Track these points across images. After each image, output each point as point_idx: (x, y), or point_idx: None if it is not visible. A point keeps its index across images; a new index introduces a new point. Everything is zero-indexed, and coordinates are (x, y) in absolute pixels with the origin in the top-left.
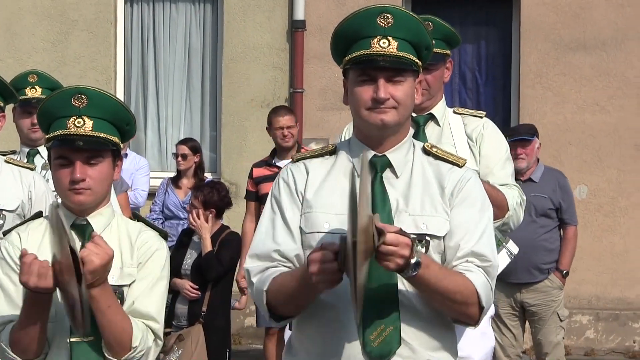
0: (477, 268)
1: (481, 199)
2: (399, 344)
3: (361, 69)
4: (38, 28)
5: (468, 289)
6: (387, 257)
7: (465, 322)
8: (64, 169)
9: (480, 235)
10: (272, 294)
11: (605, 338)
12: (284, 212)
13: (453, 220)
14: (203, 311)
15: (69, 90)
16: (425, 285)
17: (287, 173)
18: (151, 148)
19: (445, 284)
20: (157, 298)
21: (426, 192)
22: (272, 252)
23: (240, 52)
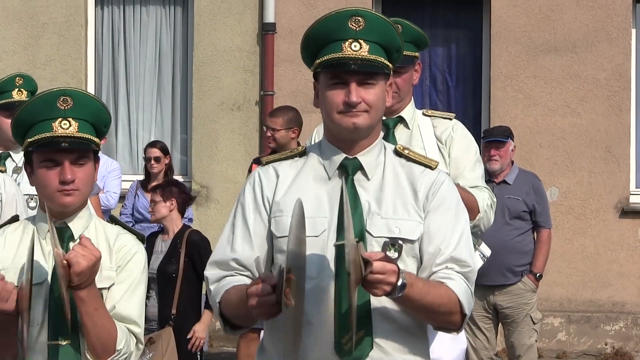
0: (457, 274)
1: (456, 203)
2: (371, 348)
3: (332, 72)
4: (8, 31)
5: (451, 299)
6: (375, 285)
7: (448, 329)
8: (51, 170)
9: (458, 240)
10: (224, 306)
11: (577, 340)
12: (246, 219)
13: (430, 225)
14: (172, 314)
15: (54, 92)
16: (410, 303)
17: (254, 178)
18: (122, 151)
19: (430, 299)
20: (137, 302)
21: (398, 194)
22: (230, 261)
23: (210, 55)
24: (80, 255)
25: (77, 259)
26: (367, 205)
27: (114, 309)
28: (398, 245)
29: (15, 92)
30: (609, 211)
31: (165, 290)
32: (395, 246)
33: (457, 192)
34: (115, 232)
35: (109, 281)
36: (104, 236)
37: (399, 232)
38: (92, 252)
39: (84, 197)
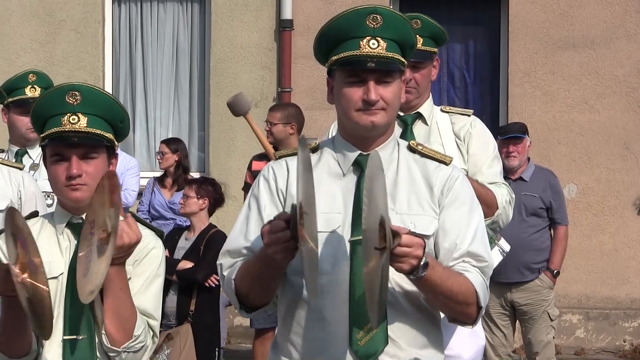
0: (474, 268)
1: (470, 198)
2: (386, 343)
3: (350, 70)
4: (26, 28)
5: (468, 289)
6: (402, 258)
7: (463, 321)
8: (59, 165)
9: (473, 235)
10: (239, 280)
11: (596, 337)
12: (260, 210)
13: (445, 221)
14: (191, 310)
15: (63, 87)
16: (431, 286)
17: (268, 171)
18: (140, 148)
19: (449, 285)
20: (153, 295)
21: (413, 190)
22: (242, 249)
23: (228, 51)
24: (125, 231)
25: (121, 234)
26: None
27: None
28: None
29: (28, 89)
30: (627, 208)
31: (185, 288)
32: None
33: (472, 188)
34: None
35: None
36: None
37: (414, 227)
38: (135, 232)
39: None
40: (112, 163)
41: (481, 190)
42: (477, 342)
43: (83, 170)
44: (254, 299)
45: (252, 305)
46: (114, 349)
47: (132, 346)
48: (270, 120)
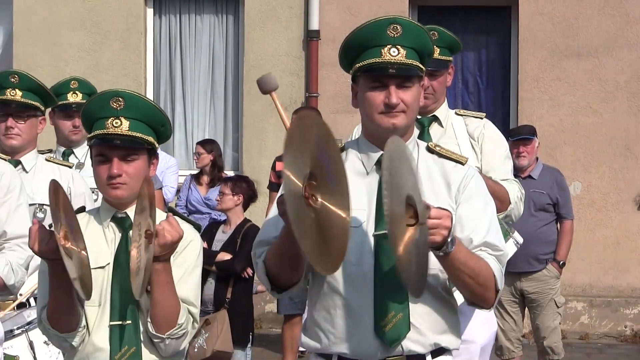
0: (491, 256)
1: (484, 194)
2: (408, 329)
3: (372, 76)
4: (74, 38)
5: (488, 272)
6: (434, 230)
7: (480, 304)
8: (102, 165)
9: (488, 227)
10: (269, 262)
11: (599, 323)
12: None
13: (462, 215)
14: (227, 298)
15: (108, 93)
16: (456, 263)
17: None
18: (178, 148)
19: (472, 264)
20: (193, 284)
21: (431, 187)
22: (272, 239)
23: (259, 59)
24: (167, 229)
25: (164, 232)
26: None
27: None
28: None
29: (70, 95)
30: (628, 204)
31: (222, 277)
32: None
33: (485, 185)
34: None
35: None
36: None
37: None
38: (177, 230)
39: (133, 191)
40: (153, 164)
41: (495, 187)
42: (490, 329)
43: (123, 171)
44: (284, 279)
45: (282, 285)
46: (159, 336)
47: (175, 333)
48: None
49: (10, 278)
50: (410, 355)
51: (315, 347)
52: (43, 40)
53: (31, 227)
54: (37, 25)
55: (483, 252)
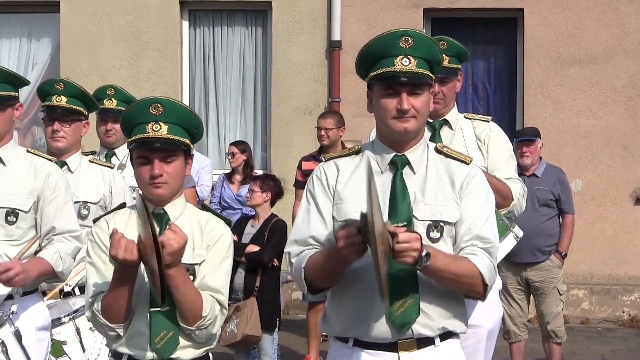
0: (481, 250)
1: (485, 192)
2: (418, 314)
3: (386, 84)
4: (116, 49)
5: (473, 272)
6: (403, 253)
7: (474, 297)
8: (144, 166)
9: (484, 221)
10: (309, 270)
11: (599, 309)
12: (317, 204)
13: (462, 210)
14: (256, 286)
15: (147, 100)
16: (436, 273)
17: (320, 171)
18: (212, 149)
19: (453, 270)
20: (223, 274)
21: (439, 185)
22: (307, 238)
23: (286, 68)
24: (172, 238)
25: (170, 242)
26: (414, 195)
27: (204, 279)
28: (440, 227)
29: (107, 101)
30: (625, 199)
31: (251, 267)
32: (437, 228)
33: (487, 184)
34: (206, 217)
35: (200, 258)
36: (196, 221)
37: (441, 215)
38: (181, 236)
39: (172, 189)
40: (189, 163)
41: (499, 185)
42: (496, 314)
43: (164, 171)
44: (321, 285)
45: (317, 288)
46: (188, 328)
47: (202, 324)
48: (326, 127)
49: (58, 265)
50: (420, 338)
51: (335, 332)
52: (88, 50)
53: (114, 236)
54: (82, 37)
55: (474, 247)
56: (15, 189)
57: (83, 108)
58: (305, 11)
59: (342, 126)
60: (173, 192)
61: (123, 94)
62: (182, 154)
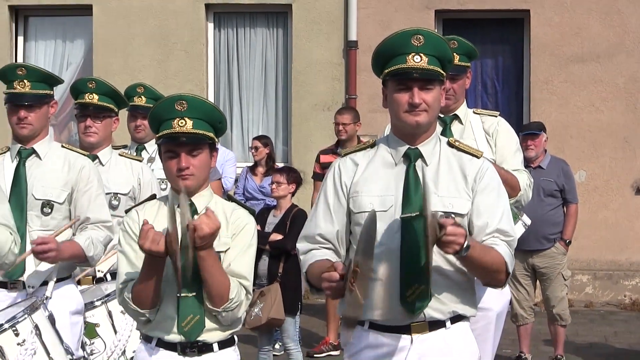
0: (502, 242)
1: (498, 185)
2: (430, 299)
3: (399, 80)
4: (146, 49)
5: (500, 260)
6: (448, 244)
7: (494, 285)
8: (172, 160)
9: (501, 215)
10: (309, 276)
11: (601, 293)
12: (328, 202)
13: (479, 204)
14: (280, 273)
15: (173, 97)
16: (472, 262)
17: (334, 168)
18: (236, 143)
19: (485, 259)
20: (247, 261)
21: (451, 178)
22: (315, 235)
23: (305, 66)
24: (205, 222)
25: (202, 226)
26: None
27: (230, 266)
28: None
29: (136, 98)
30: (626, 189)
31: (274, 254)
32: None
33: (498, 176)
34: (231, 207)
35: (226, 246)
36: (222, 211)
37: (452, 207)
38: (214, 222)
39: (199, 181)
40: (214, 156)
41: (507, 176)
42: (504, 297)
43: (190, 164)
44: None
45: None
46: (215, 310)
47: (228, 307)
48: (343, 122)
49: (90, 250)
50: (432, 321)
51: None
52: (119, 51)
53: (143, 227)
54: (113, 38)
55: (495, 239)
56: (50, 182)
57: (113, 105)
58: (323, 13)
59: (358, 121)
60: (199, 183)
61: (152, 91)
62: (207, 147)
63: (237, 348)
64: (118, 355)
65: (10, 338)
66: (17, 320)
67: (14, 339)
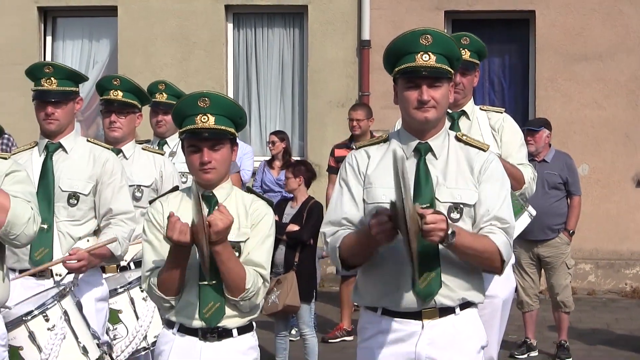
0: (499, 230)
1: (501, 176)
2: (440, 286)
3: (408, 77)
4: (168, 49)
5: (492, 248)
6: (431, 232)
7: (491, 271)
8: (195, 154)
9: (501, 203)
10: (343, 249)
11: (603, 281)
12: (350, 188)
13: (481, 193)
14: (296, 261)
15: (196, 94)
16: (460, 249)
17: (351, 158)
18: (254, 138)
19: (475, 246)
20: (265, 251)
21: (459, 170)
22: (341, 219)
23: (321, 65)
24: (219, 218)
25: (216, 221)
26: (436, 179)
27: (248, 255)
28: (460, 208)
29: (158, 95)
30: (627, 182)
31: (291, 244)
32: (457, 209)
33: (503, 168)
34: (250, 199)
35: (245, 236)
36: (242, 202)
37: (460, 198)
38: (227, 217)
39: (220, 174)
40: (234, 150)
41: (512, 170)
42: (510, 285)
43: (212, 158)
44: (354, 262)
45: (351, 265)
46: (233, 299)
47: (246, 296)
48: (357, 118)
49: (117, 250)
50: (442, 308)
51: (365, 302)
52: (142, 51)
53: (170, 219)
54: (137, 38)
55: (493, 227)
56: (76, 175)
57: (137, 102)
58: (338, 13)
59: (371, 117)
60: (220, 176)
61: (173, 89)
62: (228, 142)
63: (255, 333)
64: (140, 341)
65: (40, 323)
66: (47, 307)
67: (45, 324)
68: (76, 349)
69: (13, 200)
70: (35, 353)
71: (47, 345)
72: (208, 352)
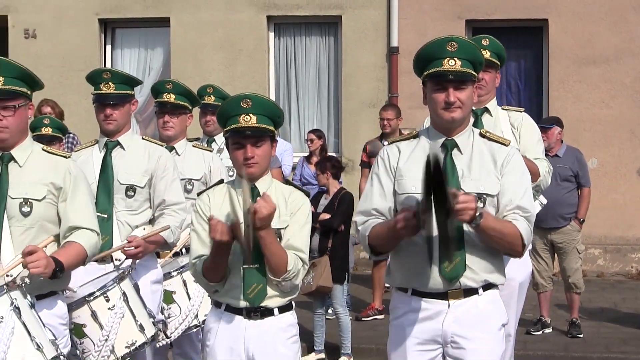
0: (522, 217)
1: (522, 169)
2: (465, 269)
3: (436, 81)
4: (216, 55)
5: (515, 232)
6: (462, 211)
7: (513, 255)
8: (239, 150)
9: (522, 194)
10: (372, 238)
11: (611, 265)
12: (380, 181)
13: (504, 184)
14: (329, 247)
15: (239, 97)
16: (486, 231)
17: (384, 153)
18: (294, 136)
19: (500, 229)
20: (304, 236)
21: (483, 164)
22: (371, 210)
23: (354, 69)
24: (263, 206)
25: (261, 209)
26: (461, 172)
27: (289, 241)
28: (483, 198)
29: (207, 97)
30: (633, 175)
31: (324, 231)
32: (481, 199)
33: (523, 161)
34: (289, 190)
35: (285, 223)
36: (281, 193)
37: (484, 189)
38: (270, 205)
39: (262, 168)
40: (274, 146)
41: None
42: (527, 268)
43: (255, 153)
44: (381, 250)
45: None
46: (276, 279)
47: (287, 277)
48: (387, 117)
49: (170, 237)
50: (466, 289)
51: (396, 283)
52: (192, 57)
53: (211, 221)
54: (188, 47)
55: (516, 215)
56: (133, 169)
57: (188, 103)
58: (369, 22)
59: (400, 117)
60: (262, 170)
61: (220, 92)
62: (268, 139)
63: (294, 312)
64: (192, 319)
65: (102, 304)
66: (107, 289)
67: (105, 304)
68: (134, 327)
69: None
70: (97, 330)
71: (108, 323)
72: (252, 329)
